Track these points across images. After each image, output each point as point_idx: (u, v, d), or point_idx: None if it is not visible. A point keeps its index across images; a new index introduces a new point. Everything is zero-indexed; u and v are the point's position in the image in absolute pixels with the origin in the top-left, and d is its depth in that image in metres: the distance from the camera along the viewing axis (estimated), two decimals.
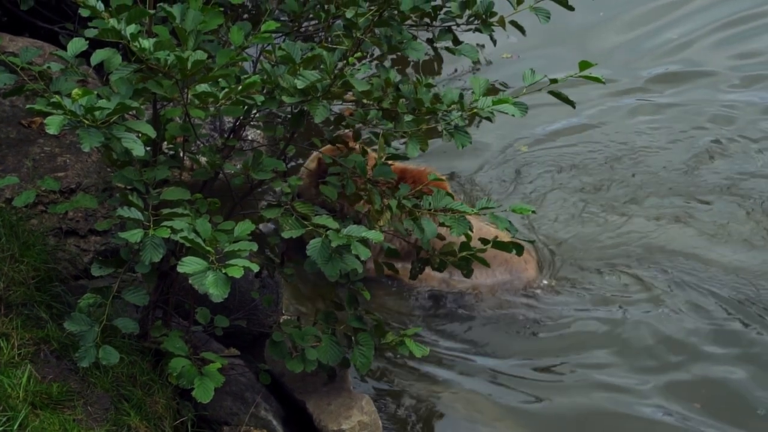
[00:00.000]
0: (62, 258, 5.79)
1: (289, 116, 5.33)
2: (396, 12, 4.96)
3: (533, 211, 5.36)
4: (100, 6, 4.52)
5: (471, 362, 6.82)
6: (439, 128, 5.09)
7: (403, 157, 5.36)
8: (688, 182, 8.51)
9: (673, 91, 9.69)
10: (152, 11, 4.78)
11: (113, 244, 5.89)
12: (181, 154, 5.29)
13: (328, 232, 4.75)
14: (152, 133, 4.57)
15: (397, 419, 6.38)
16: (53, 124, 4.30)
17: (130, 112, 4.57)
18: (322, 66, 4.87)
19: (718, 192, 8.38)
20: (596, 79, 5.17)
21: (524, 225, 7.83)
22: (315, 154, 7.02)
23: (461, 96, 5.06)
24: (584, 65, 5.09)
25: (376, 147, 5.52)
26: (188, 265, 4.27)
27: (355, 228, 4.72)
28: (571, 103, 5.37)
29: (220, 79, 4.70)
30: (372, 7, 5.07)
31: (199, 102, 4.70)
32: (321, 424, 5.92)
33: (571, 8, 5.61)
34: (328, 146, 5.89)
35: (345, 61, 4.94)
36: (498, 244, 5.50)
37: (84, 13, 4.58)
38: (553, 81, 5.16)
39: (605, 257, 7.71)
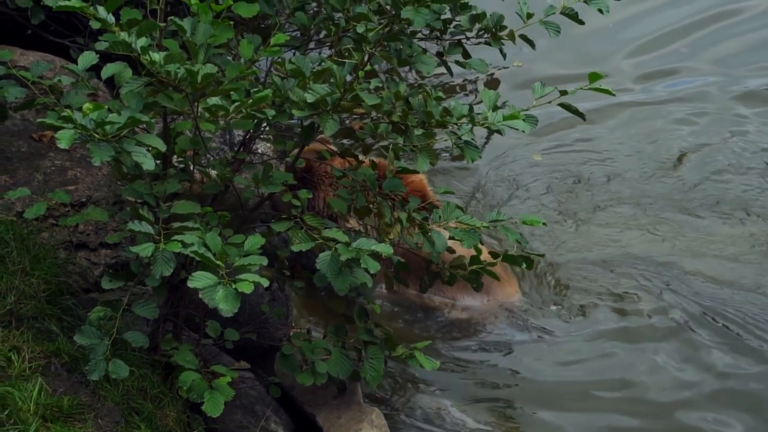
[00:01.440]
0: (73, 271, 5.79)
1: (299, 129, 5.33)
2: (406, 26, 4.96)
3: (544, 224, 5.35)
4: (111, 19, 4.54)
5: (478, 377, 6.80)
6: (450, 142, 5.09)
7: (412, 171, 5.37)
8: (677, 190, 8.47)
9: (663, 89, 9.72)
10: (162, 24, 4.79)
11: (124, 257, 5.89)
12: (191, 168, 5.30)
13: (337, 246, 4.76)
14: (162, 147, 4.58)
15: None
16: (64, 139, 4.31)
17: (141, 126, 4.58)
18: (332, 80, 4.88)
19: (710, 203, 8.32)
20: (606, 91, 5.17)
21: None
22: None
23: (471, 109, 5.06)
24: (594, 77, 5.09)
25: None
26: (198, 279, 4.27)
27: (364, 241, 4.72)
28: (581, 116, 5.36)
29: (231, 93, 4.71)
30: (382, 21, 5.08)
31: (209, 115, 4.71)
32: None
33: (582, 22, 5.61)
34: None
35: (355, 75, 4.95)
36: (508, 258, 5.50)
37: (95, 25, 4.59)
38: (563, 93, 5.15)
39: (594, 272, 7.65)
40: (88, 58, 5.12)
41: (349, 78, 4.98)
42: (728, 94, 9.71)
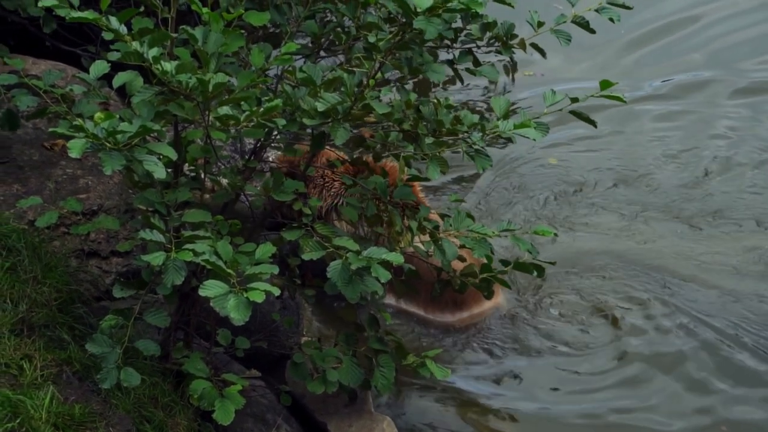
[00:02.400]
0: (84, 279, 5.81)
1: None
2: (417, 35, 4.97)
3: (556, 234, 5.33)
4: (123, 29, 4.55)
5: (491, 387, 6.77)
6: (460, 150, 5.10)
7: (423, 179, 5.37)
8: (684, 196, 8.38)
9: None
10: (174, 35, 4.80)
11: (135, 265, 5.90)
12: (203, 176, 5.30)
13: (348, 254, 4.76)
14: (173, 156, 4.58)
15: None
16: (76, 148, 4.32)
17: (152, 134, 4.58)
18: (342, 88, 4.88)
19: (712, 209, 8.22)
20: (617, 99, 5.16)
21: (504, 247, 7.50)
22: None
23: (482, 117, 5.06)
24: (605, 84, 5.08)
25: None
26: (210, 288, 4.27)
27: (375, 250, 4.71)
28: (593, 123, 5.36)
29: (242, 101, 4.71)
30: (393, 29, 5.08)
31: (220, 124, 4.72)
32: None
33: (593, 31, 5.61)
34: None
35: (366, 84, 4.95)
36: (519, 266, 5.49)
37: (107, 36, 4.61)
38: (574, 100, 5.15)
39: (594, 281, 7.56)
40: (99, 67, 5.13)
41: (362, 81, 4.98)
42: (730, 88, 9.63)
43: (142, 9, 4.75)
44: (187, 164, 5.25)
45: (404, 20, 4.92)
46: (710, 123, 9.22)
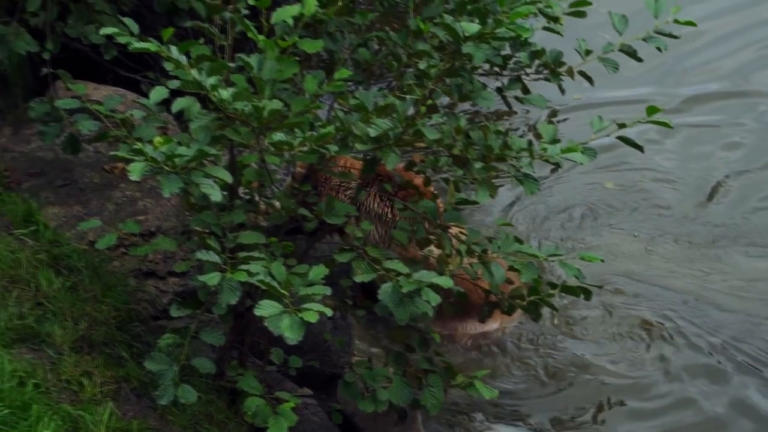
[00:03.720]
0: (142, 299, 5.91)
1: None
2: (467, 62, 5.05)
3: (602, 260, 5.36)
4: (183, 59, 4.67)
5: (532, 407, 6.78)
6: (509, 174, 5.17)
7: (472, 203, 5.44)
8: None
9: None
10: (232, 65, 4.92)
11: (191, 285, 5.99)
12: (257, 199, 5.41)
13: (399, 278, 4.84)
14: (229, 179, 4.70)
15: None
16: (136, 171, 4.45)
17: (209, 158, 4.70)
18: (394, 114, 4.98)
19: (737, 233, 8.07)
20: (664, 124, 5.22)
21: None
22: None
23: (530, 143, 5.13)
24: (651, 110, 5.15)
25: None
26: (264, 308, 4.37)
27: (425, 273, 4.80)
28: (640, 148, 5.41)
29: (295, 128, 4.82)
30: (443, 57, 5.16)
31: (274, 149, 4.82)
32: None
33: (640, 60, 5.66)
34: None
35: (417, 110, 5.04)
36: (566, 288, 5.55)
37: (168, 67, 4.73)
38: (621, 126, 5.21)
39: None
40: (159, 93, 5.20)
41: (411, 110, 5.08)
42: (750, 102, 9.47)
43: (202, 41, 4.88)
44: (242, 187, 5.36)
45: (454, 48, 5.01)
46: (730, 138, 9.09)
